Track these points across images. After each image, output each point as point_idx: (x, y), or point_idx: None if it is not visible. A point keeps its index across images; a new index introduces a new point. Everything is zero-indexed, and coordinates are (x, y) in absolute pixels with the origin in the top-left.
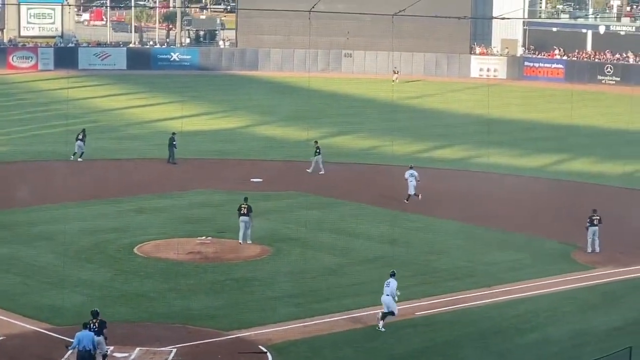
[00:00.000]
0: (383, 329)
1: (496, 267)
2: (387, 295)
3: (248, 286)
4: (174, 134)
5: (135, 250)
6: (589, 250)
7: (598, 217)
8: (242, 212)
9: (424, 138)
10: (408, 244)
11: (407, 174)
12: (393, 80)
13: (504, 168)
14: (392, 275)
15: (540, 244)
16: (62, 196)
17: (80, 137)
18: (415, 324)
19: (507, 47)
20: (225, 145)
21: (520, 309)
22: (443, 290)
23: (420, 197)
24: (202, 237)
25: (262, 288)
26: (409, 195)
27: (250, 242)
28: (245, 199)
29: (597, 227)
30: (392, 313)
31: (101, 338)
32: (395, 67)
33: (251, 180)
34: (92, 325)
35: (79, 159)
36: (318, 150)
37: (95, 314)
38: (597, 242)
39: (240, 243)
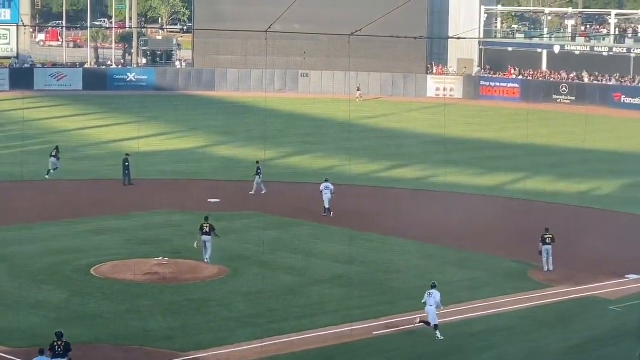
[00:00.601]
0: (441, 337)
1: (453, 286)
2: (431, 305)
3: (205, 307)
4: (127, 155)
5: (92, 271)
6: (545, 269)
7: (550, 236)
8: (204, 230)
9: (381, 158)
10: (365, 264)
11: (322, 187)
12: (357, 98)
13: (461, 187)
14: (434, 286)
15: (496, 262)
16: (17, 217)
17: (54, 153)
18: (373, 343)
19: (464, 67)
20: (182, 166)
21: (477, 328)
22: (401, 310)
23: (332, 214)
24: (159, 257)
25: (219, 309)
26: (326, 208)
27: (209, 261)
28: (206, 218)
29: (550, 246)
30: (429, 323)
31: None
32: (359, 85)
33: (208, 200)
34: (57, 347)
35: (47, 177)
36: (259, 171)
37: (59, 336)
38: (550, 260)
39: (205, 261)
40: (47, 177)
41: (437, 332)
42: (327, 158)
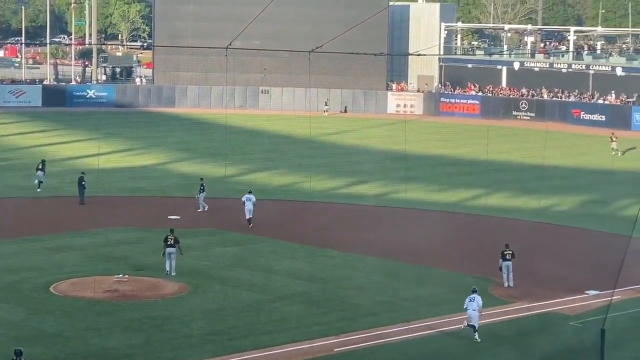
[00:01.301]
0: (479, 340)
1: (415, 302)
2: (474, 310)
3: (166, 324)
4: (83, 173)
5: (51, 289)
6: (505, 284)
7: (511, 252)
8: (169, 242)
9: (342, 174)
10: (326, 280)
11: (244, 198)
12: (324, 112)
13: (421, 203)
14: (475, 291)
15: (457, 278)
16: None
17: (40, 167)
18: None
19: (426, 84)
20: (143, 183)
21: (438, 344)
22: (362, 326)
23: (251, 226)
24: (119, 275)
25: (180, 326)
26: (248, 219)
27: (174, 273)
28: (172, 230)
29: (510, 262)
30: (474, 327)
31: None
32: (327, 100)
33: (169, 217)
34: None
35: (38, 190)
36: (202, 188)
37: (18, 353)
38: (511, 276)
39: (167, 273)
40: (39, 189)
41: (476, 334)
42: (287, 174)
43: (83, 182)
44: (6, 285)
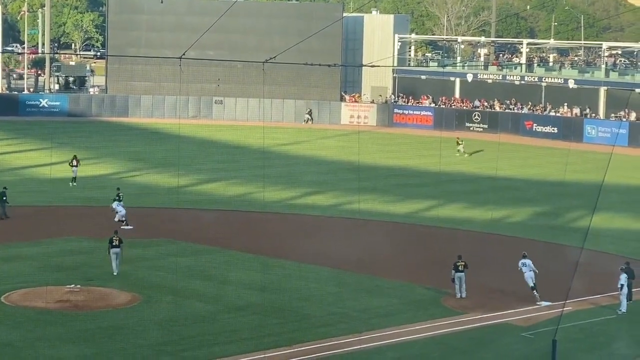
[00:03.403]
0: (542, 302)
1: (367, 313)
2: (530, 271)
3: (118, 334)
4: (5, 188)
5: (2, 299)
6: (458, 295)
7: (463, 263)
8: (114, 244)
9: (296, 184)
10: (279, 291)
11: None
12: (307, 122)
13: (375, 214)
14: (525, 256)
15: (410, 289)
16: None
17: (72, 162)
18: None
19: (380, 95)
20: (95, 193)
21: (390, 355)
22: (314, 337)
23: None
24: (71, 285)
25: (132, 336)
26: (121, 221)
27: (117, 271)
28: (116, 232)
29: (463, 273)
30: (534, 287)
31: None
32: (310, 110)
33: (122, 227)
34: None
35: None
36: (119, 197)
37: None
38: (464, 287)
39: (115, 274)
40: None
41: (535, 292)
42: (242, 185)
43: (4, 198)
44: None
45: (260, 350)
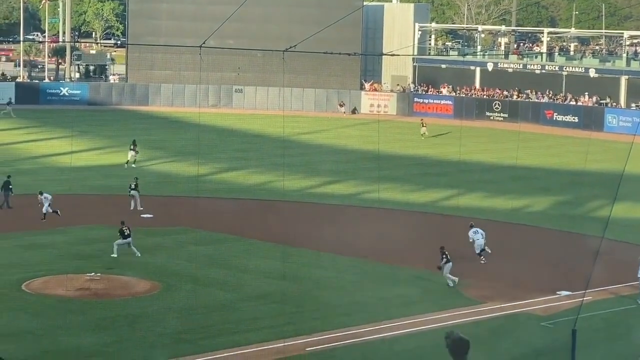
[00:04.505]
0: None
1: (387, 302)
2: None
3: (138, 322)
4: (9, 177)
5: (23, 287)
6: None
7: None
8: (126, 233)
9: (316, 173)
10: (299, 280)
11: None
12: (343, 113)
13: (395, 203)
14: (472, 226)
15: (430, 278)
16: None
17: (132, 147)
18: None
19: (398, 84)
20: (115, 181)
21: (409, 344)
22: (334, 326)
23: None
24: (91, 273)
25: (152, 324)
26: (43, 214)
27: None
28: (122, 223)
29: (450, 263)
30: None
31: None
32: (342, 102)
33: (141, 216)
34: None
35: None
36: (134, 186)
37: None
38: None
39: (137, 255)
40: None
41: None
42: (262, 174)
43: (10, 186)
44: None
45: (280, 338)
